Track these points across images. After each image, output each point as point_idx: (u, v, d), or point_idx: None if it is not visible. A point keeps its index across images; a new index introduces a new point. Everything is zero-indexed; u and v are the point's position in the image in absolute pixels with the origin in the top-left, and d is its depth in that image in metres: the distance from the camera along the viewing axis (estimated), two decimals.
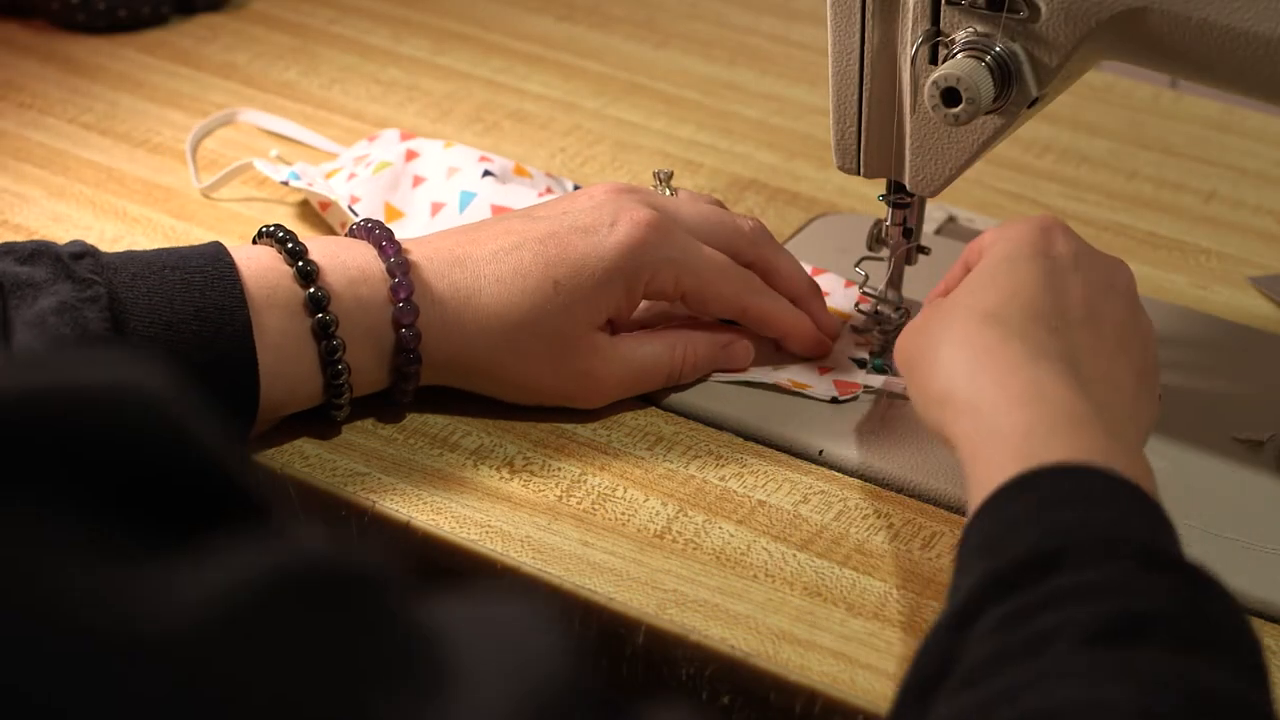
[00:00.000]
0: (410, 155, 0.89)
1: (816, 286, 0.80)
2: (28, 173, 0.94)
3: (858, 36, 0.72)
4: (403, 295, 0.70)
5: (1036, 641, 0.50)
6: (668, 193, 0.80)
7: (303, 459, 0.71)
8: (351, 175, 0.89)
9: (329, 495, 0.70)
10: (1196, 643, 0.50)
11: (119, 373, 0.34)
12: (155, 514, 0.32)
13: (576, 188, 0.90)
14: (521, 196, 0.85)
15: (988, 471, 0.58)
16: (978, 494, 0.58)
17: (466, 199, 0.86)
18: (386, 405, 0.74)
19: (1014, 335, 0.63)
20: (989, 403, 0.60)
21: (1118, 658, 0.49)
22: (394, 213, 0.86)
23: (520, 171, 0.89)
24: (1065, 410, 0.60)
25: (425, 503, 0.69)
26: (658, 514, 0.70)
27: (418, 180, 0.88)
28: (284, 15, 1.15)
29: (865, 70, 0.73)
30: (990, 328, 0.63)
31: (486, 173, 0.87)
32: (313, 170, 0.90)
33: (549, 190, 0.89)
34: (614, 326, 0.75)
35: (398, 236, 0.72)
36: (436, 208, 0.86)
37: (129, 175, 0.94)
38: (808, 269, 0.85)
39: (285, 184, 0.88)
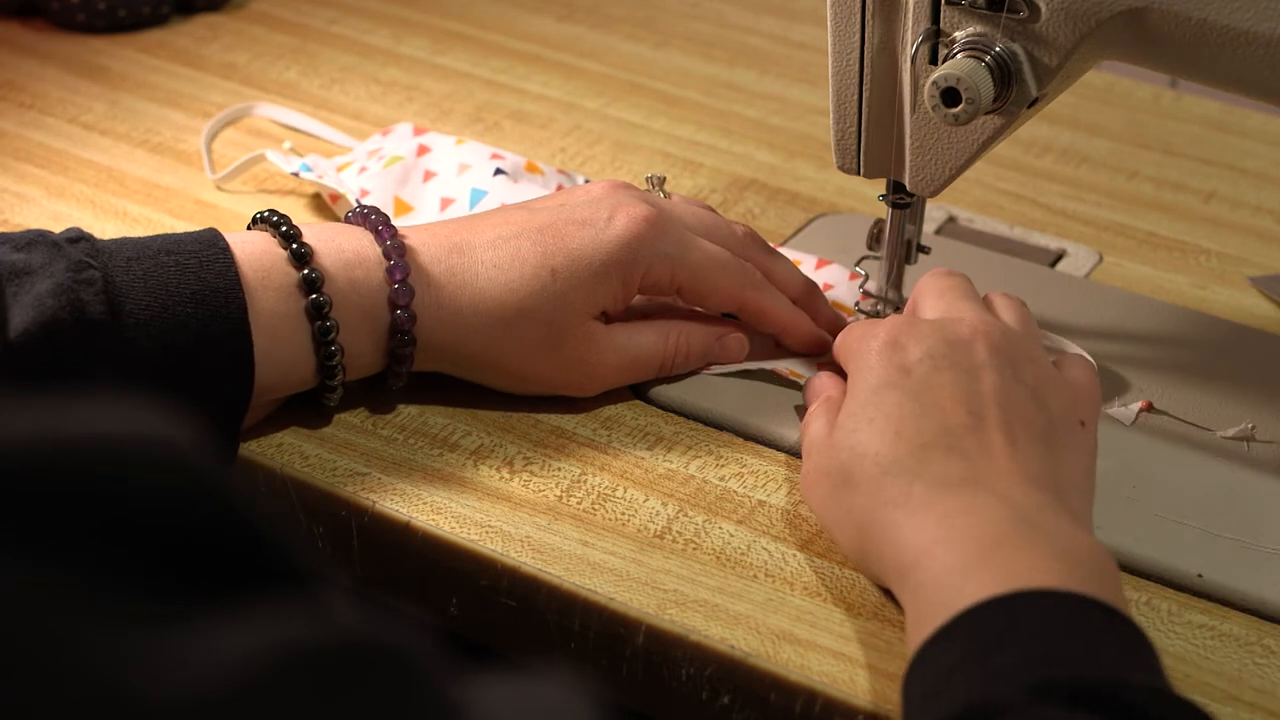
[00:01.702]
0: (422, 150, 0.89)
1: (814, 287, 0.80)
2: (28, 173, 0.94)
3: (858, 36, 0.72)
4: (399, 277, 0.70)
5: None
6: (661, 196, 0.80)
7: (303, 459, 0.71)
8: (363, 169, 0.89)
9: (329, 495, 0.70)
10: None
11: (145, 426, 0.33)
12: (187, 572, 0.31)
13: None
14: (532, 196, 0.85)
15: (921, 627, 0.58)
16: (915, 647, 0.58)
17: (477, 196, 0.86)
18: (384, 396, 0.74)
19: (912, 478, 0.62)
20: (908, 561, 0.60)
21: None
22: (403, 206, 0.87)
23: (532, 169, 0.89)
24: (979, 538, 0.59)
25: (425, 503, 0.69)
26: (658, 514, 0.70)
27: (428, 175, 0.88)
28: (284, 15, 1.15)
29: (865, 70, 0.73)
30: (887, 482, 0.62)
31: (498, 171, 0.87)
32: (325, 163, 0.91)
33: (560, 188, 0.89)
34: (608, 315, 0.75)
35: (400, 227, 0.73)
36: (446, 203, 0.86)
37: (129, 175, 0.94)
38: (813, 260, 0.86)
39: (296, 175, 0.89)
